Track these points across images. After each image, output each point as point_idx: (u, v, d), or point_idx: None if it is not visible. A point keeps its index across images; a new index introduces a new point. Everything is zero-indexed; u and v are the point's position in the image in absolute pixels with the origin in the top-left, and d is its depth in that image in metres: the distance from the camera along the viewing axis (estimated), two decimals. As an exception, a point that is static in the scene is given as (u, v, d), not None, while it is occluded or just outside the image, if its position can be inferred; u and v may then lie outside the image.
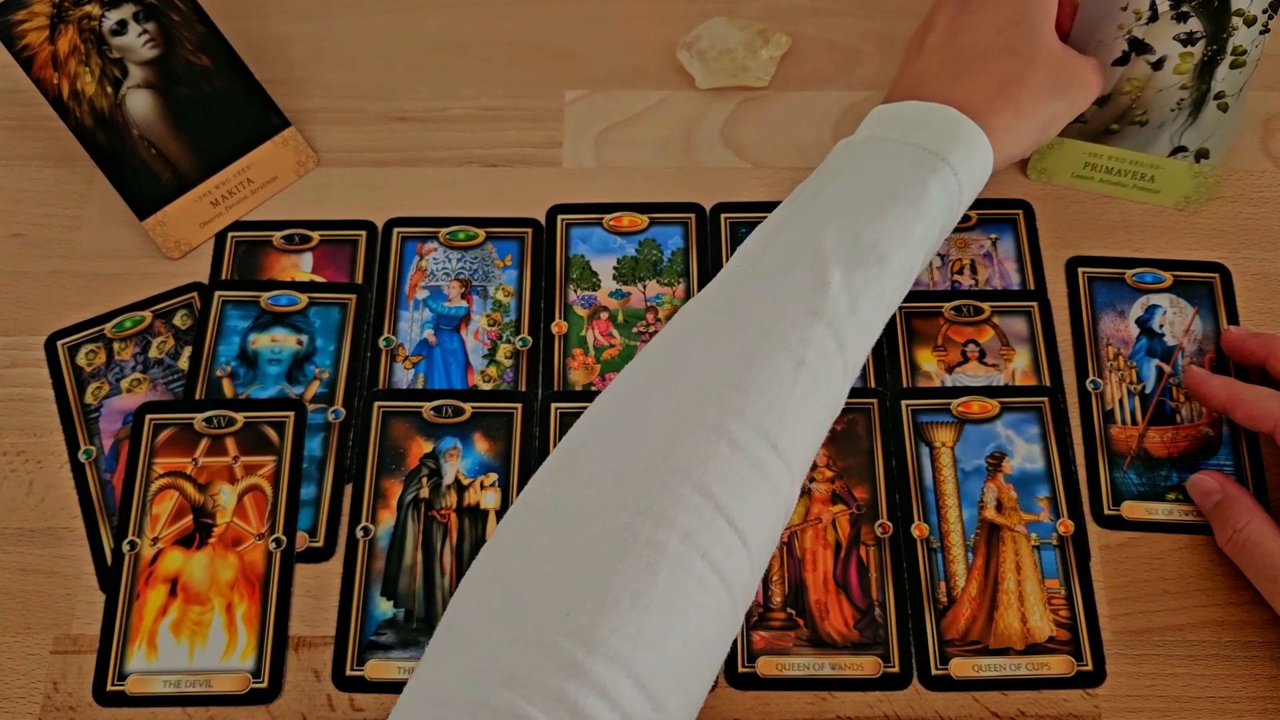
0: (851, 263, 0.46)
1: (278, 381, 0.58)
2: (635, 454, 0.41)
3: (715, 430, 0.41)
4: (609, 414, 0.44)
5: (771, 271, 0.46)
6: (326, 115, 0.66)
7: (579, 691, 0.36)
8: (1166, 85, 0.59)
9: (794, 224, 0.48)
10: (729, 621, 0.41)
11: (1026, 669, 0.51)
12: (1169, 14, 0.57)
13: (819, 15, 0.69)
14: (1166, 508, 0.55)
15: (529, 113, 0.66)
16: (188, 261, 0.62)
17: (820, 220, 0.47)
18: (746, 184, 0.63)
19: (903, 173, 0.48)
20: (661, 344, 0.46)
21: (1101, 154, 0.61)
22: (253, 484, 0.55)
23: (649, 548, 0.39)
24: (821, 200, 0.48)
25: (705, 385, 0.43)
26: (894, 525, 0.54)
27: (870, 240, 0.46)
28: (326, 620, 0.53)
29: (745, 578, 0.42)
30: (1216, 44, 0.57)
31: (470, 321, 0.60)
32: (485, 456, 0.56)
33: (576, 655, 0.37)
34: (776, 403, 0.43)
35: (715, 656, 0.41)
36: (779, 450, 0.42)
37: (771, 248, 0.47)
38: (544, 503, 0.42)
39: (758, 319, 0.44)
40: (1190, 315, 0.59)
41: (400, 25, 0.69)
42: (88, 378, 0.58)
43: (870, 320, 0.47)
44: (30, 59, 0.57)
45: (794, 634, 0.52)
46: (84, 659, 0.52)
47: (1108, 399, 0.57)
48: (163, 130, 0.61)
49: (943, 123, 0.50)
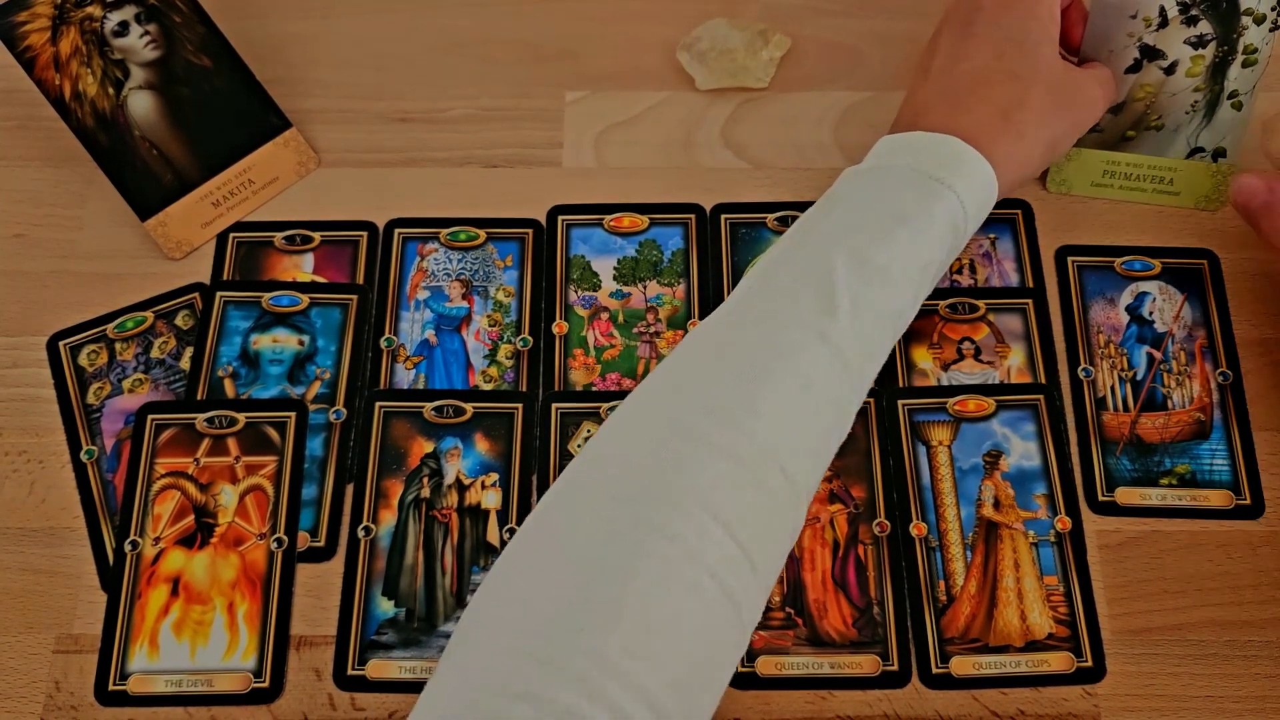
0: (859, 287, 0.46)
1: (279, 382, 0.58)
2: (647, 473, 0.42)
3: (725, 452, 0.42)
4: (622, 433, 0.45)
5: (780, 295, 0.47)
6: (327, 116, 0.66)
7: (591, 709, 0.36)
8: (1180, 89, 0.59)
9: (802, 248, 0.49)
10: (736, 641, 0.42)
11: (1027, 666, 0.51)
12: (1178, 19, 0.57)
13: (819, 16, 0.69)
14: (1160, 493, 0.55)
15: (529, 113, 0.66)
16: (189, 262, 0.62)
17: (829, 244, 0.48)
18: (746, 184, 0.63)
19: (909, 199, 0.49)
20: (674, 364, 0.47)
21: (1119, 161, 0.61)
22: (254, 484, 0.55)
23: (660, 566, 0.39)
24: (829, 225, 0.49)
25: (716, 407, 0.43)
26: (892, 524, 0.54)
27: (878, 264, 0.47)
28: (328, 620, 0.53)
29: (753, 598, 0.42)
30: (1227, 44, 0.57)
31: (471, 322, 0.60)
32: (486, 456, 0.56)
33: (589, 673, 0.37)
34: (785, 426, 0.43)
35: (722, 676, 0.42)
36: (787, 472, 0.43)
37: (780, 272, 0.48)
38: (557, 518, 0.43)
39: (767, 342, 0.45)
40: (1179, 302, 0.59)
41: (401, 26, 0.69)
42: (89, 378, 0.58)
43: (878, 344, 0.47)
44: (32, 60, 0.58)
45: (793, 633, 0.52)
46: (85, 658, 0.52)
47: (1099, 386, 0.57)
48: (164, 131, 0.61)
49: (947, 152, 0.50)
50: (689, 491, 0.41)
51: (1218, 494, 0.55)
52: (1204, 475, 0.55)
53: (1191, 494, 0.55)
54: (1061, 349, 0.58)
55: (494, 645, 0.39)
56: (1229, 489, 0.55)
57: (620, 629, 0.38)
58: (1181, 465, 0.56)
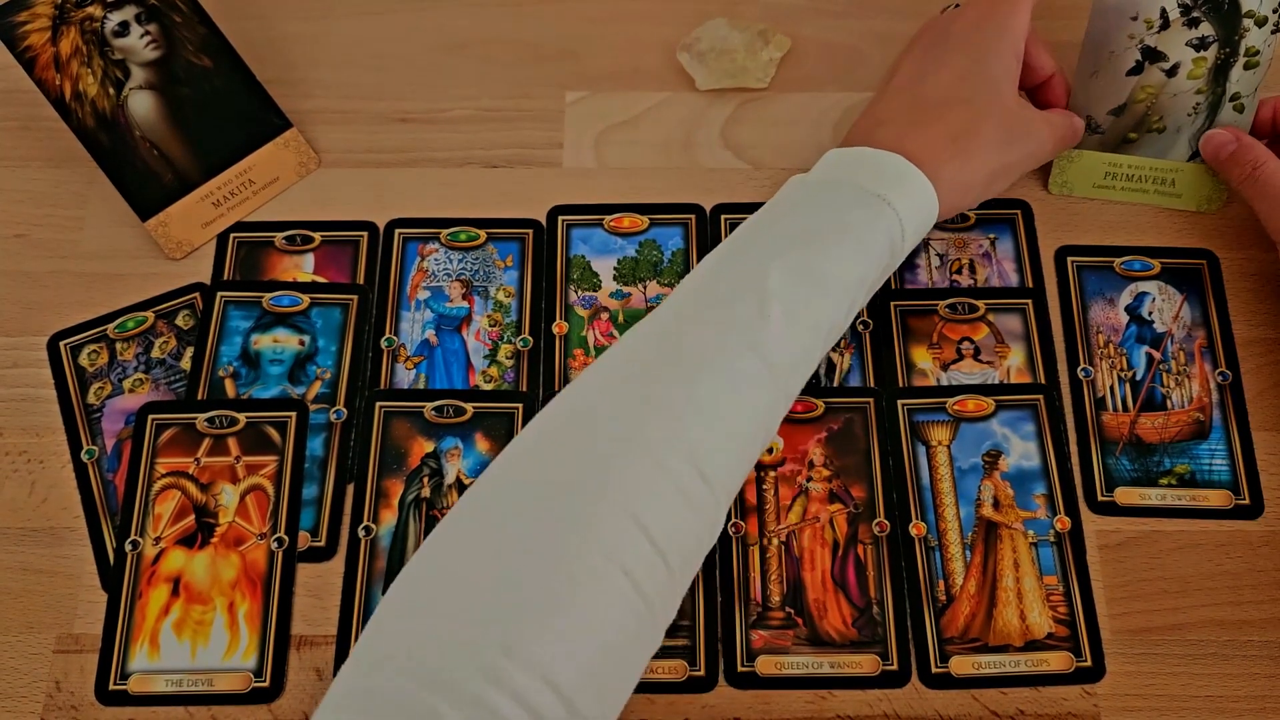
0: (793, 299, 0.47)
1: (280, 382, 0.58)
2: (568, 472, 0.43)
3: (647, 455, 0.43)
4: (550, 431, 0.46)
5: (715, 303, 0.48)
6: (328, 116, 0.66)
7: (498, 697, 0.37)
8: (1182, 90, 0.59)
9: (742, 257, 0.50)
10: (648, 635, 0.43)
11: (1026, 665, 0.51)
12: (1180, 20, 0.57)
13: (819, 16, 0.69)
14: (1159, 493, 0.55)
15: (530, 113, 0.66)
16: (190, 262, 0.62)
17: (767, 255, 0.49)
18: (746, 185, 0.64)
19: (850, 213, 0.50)
20: (606, 365, 0.48)
21: (1121, 163, 0.61)
22: (255, 484, 0.55)
23: (572, 561, 0.41)
24: (771, 236, 0.50)
25: (641, 411, 0.45)
26: (891, 524, 0.54)
27: (815, 278, 0.48)
28: (328, 620, 0.53)
29: (665, 595, 0.43)
30: (1229, 46, 0.57)
31: (471, 322, 0.60)
32: (486, 456, 0.56)
33: (498, 661, 0.38)
34: (708, 432, 0.44)
35: (633, 668, 0.43)
36: (706, 478, 0.44)
37: (718, 279, 0.49)
38: (478, 511, 0.44)
39: (697, 349, 0.46)
40: (1179, 302, 0.59)
41: (401, 26, 0.69)
42: (90, 378, 0.58)
43: (808, 355, 0.49)
44: (32, 60, 0.58)
45: (792, 633, 0.52)
46: (86, 658, 0.52)
47: (1099, 386, 0.57)
48: (164, 131, 0.61)
49: (892, 170, 0.52)
50: (609, 492, 0.42)
51: (1217, 494, 0.55)
52: (1203, 475, 0.55)
53: (1191, 494, 0.55)
54: (1061, 349, 0.58)
55: (408, 633, 0.40)
56: (1228, 489, 0.55)
57: (531, 620, 0.39)
58: (1181, 465, 0.56)
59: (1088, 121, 0.61)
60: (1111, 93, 0.60)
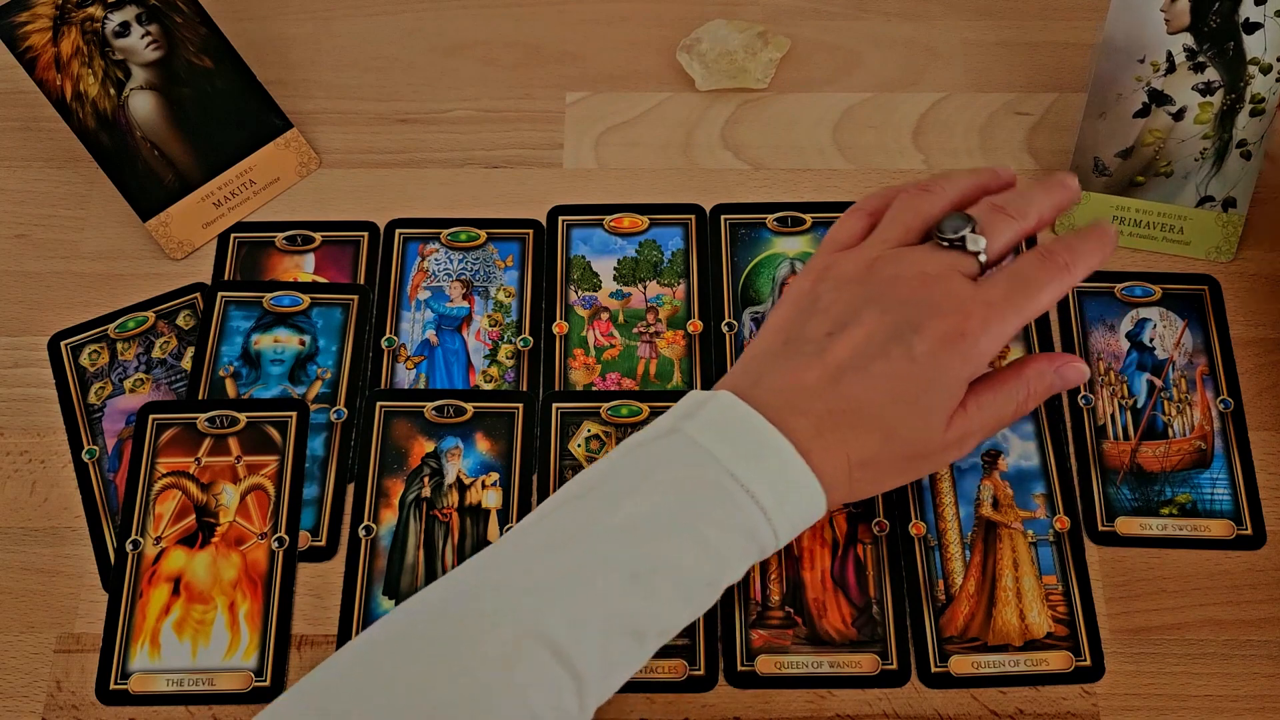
0: (615, 634, 0.41)
1: (280, 381, 0.58)
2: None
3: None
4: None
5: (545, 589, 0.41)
6: (328, 117, 0.66)
7: None
8: (1189, 135, 0.59)
9: (583, 539, 0.42)
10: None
11: (1026, 665, 0.51)
12: (1186, 64, 0.57)
13: (818, 17, 0.69)
14: (1161, 523, 0.54)
15: (530, 114, 0.66)
16: (190, 262, 0.62)
17: (610, 548, 0.42)
18: (746, 185, 0.64)
19: (715, 515, 0.42)
20: (381, 654, 0.41)
21: (1129, 207, 0.61)
22: (255, 483, 0.56)
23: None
24: (614, 523, 0.42)
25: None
26: (891, 523, 0.54)
27: (653, 585, 0.41)
28: (329, 619, 0.53)
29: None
30: (1235, 92, 0.57)
31: (472, 322, 0.60)
32: (487, 456, 0.56)
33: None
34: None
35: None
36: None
37: (563, 554, 0.42)
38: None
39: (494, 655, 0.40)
40: (1180, 328, 0.59)
41: (402, 27, 0.69)
42: (91, 378, 0.58)
43: (625, 665, 0.42)
44: (33, 60, 0.58)
45: (792, 632, 0.52)
46: (87, 658, 0.52)
47: (1099, 414, 0.57)
48: (165, 131, 0.61)
49: (789, 475, 0.43)
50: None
51: (1219, 524, 0.54)
52: (1205, 505, 0.55)
53: (1192, 524, 0.54)
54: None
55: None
56: (1230, 519, 0.54)
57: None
58: (1182, 494, 0.55)
59: (1095, 163, 0.60)
60: (1119, 134, 0.60)
